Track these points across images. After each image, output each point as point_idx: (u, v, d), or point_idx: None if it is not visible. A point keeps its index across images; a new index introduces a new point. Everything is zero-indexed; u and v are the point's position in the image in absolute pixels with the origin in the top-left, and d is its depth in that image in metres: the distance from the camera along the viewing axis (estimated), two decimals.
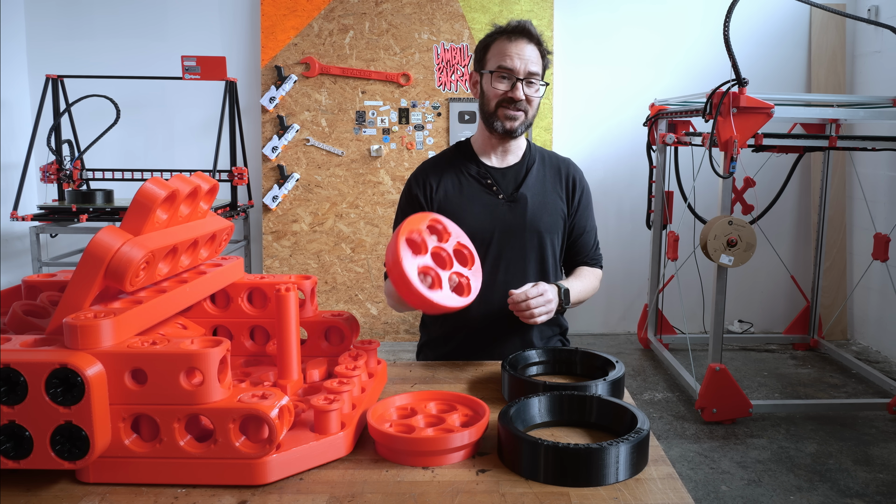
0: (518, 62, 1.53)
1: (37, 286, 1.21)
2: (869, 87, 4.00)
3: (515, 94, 1.54)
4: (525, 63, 1.54)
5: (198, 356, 0.90)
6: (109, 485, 0.94)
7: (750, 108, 2.71)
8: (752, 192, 3.70)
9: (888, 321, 3.86)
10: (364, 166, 3.98)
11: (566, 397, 1.14)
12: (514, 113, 1.56)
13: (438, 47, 3.93)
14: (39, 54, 4.03)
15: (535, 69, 1.55)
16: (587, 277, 1.68)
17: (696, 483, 2.48)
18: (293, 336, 1.15)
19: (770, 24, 4.11)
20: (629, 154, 4.15)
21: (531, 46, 1.56)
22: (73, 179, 3.53)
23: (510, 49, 1.54)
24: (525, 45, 1.55)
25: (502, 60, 1.55)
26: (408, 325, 4.03)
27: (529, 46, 1.55)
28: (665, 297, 4.00)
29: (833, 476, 2.53)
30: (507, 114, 1.56)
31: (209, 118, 4.02)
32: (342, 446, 1.02)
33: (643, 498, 0.92)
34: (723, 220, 2.84)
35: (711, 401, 2.94)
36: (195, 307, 1.29)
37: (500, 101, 1.56)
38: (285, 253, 4.01)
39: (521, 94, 1.54)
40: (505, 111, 1.56)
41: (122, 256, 0.96)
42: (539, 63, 1.57)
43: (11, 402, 0.87)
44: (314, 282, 1.35)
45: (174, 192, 1.06)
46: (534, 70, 1.55)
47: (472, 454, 1.04)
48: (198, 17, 4.02)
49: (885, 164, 3.83)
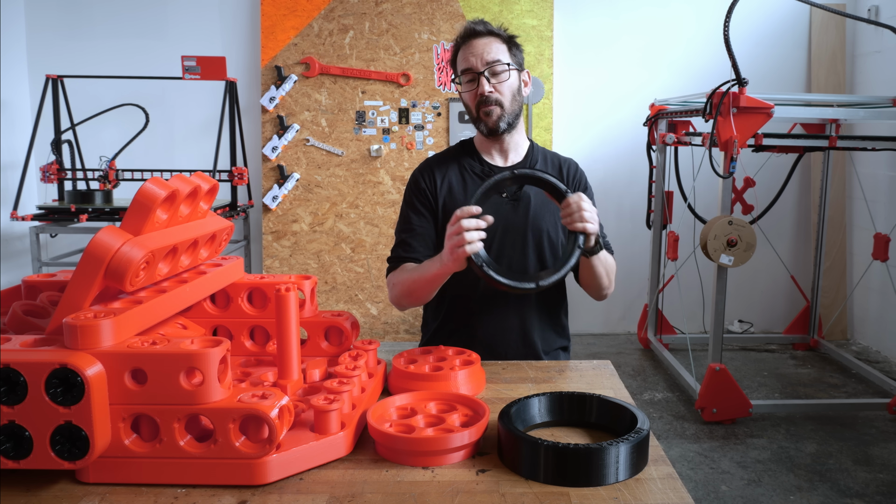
0: (473, 59, 1.54)
1: (37, 286, 1.20)
2: (869, 87, 4.00)
3: (481, 90, 1.54)
4: (479, 57, 1.54)
5: (198, 356, 0.90)
6: (109, 485, 0.94)
7: (750, 108, 2.71)
8: (752, 192, 3.70)
9: (888, 321, 3.86)
10: (364, 166, 3.98)
11: (566, 397, 1.14)
12: (487, 109, 1.55)
13: (438, 47, 3.93)
14: (39, 54, 4.03)
15: (492, 57, 1.54)
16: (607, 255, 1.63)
17: (696, 483, 2.48)
18: (293, 336, 1.15)
19: (770, 24, 4.12)
20: (629, 154, 4.15)
21: (484, 39, 1.55)
22: (109, 180, 3.53)
23: (466, 52, 1.56)
24: (476, 41, 1.55)
25: (463, 64, 1.57)
26: (408, 325, 4.03)
27: (482, 40, 1.55)
28: (665, 297, 4.00)
29: (833, 476, 2.53)
30: (483, 111, 1.56)
31: (209, 118, 4.02)
32: (342, 446, 1.02)
33: (643, 498, 0.92)
34: (723, 220, 2.84)
35: (711, 401, 2.94)
36: (195, 307, 1.29)
37: (477, 104, 1.57)
38: (285, 253, 4.01)
39: (485, 87, 1.53)
40: (482, 109, 1.56)
41: (122, 256, 0.96)
42: (500, 50, 1.55)
43: (11, 402, 0.87)
44: (314, 282, 1.35)
45: (174, 192, 1.06)
46: (492, 58, 1.54)
47: (472, 454, 1.04)
48: (198, 17, 4.02)
49: (885, 164, 3.83)
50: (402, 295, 1.56)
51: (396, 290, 1.57)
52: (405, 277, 1.54)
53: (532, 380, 1.36)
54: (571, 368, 1.43)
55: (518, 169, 1.36)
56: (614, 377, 1.38)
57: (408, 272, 1.54)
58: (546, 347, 1.65)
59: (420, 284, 1.50)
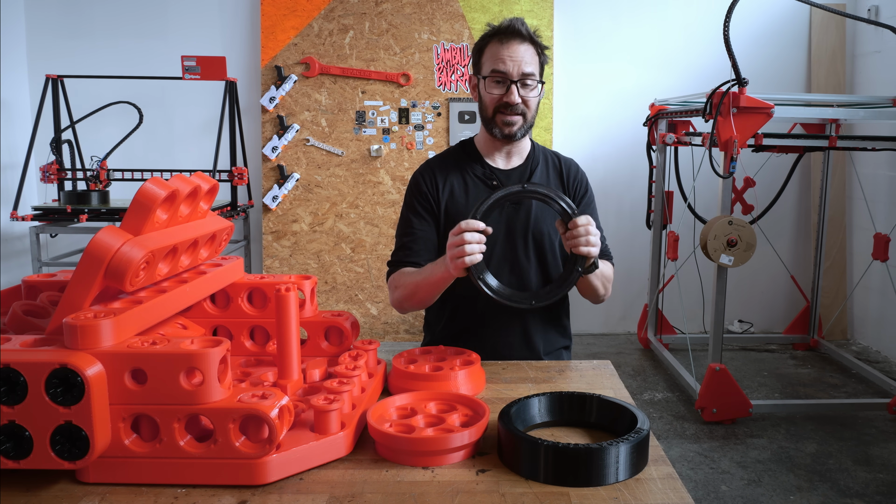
0: (511, 64, 1.50)
1: (37, 286, 1.20)
2: (869, 87, 4.00)
3: (510, 98, 1.51)
4: (518, 64, 1.50)
5: (198, 356, 0.90)
6: (109, 485, 0.94)
7: (750, 108, 2.71)
8: (752, 192, 3.70)
9: (888, 321, 3.86)
10: (364, 166, 3.98)
11: (566, 397, 1.14)
12: (510, 118, 1.53)
13: (438, 47, 3.93)
14: (39, 54, 4.03)
15: (529, 69, 1.51)
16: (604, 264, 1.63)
17: (696, 483, 2.48)
18: (293, 336, 1.15)
19: (770, 24, 4.11)
20: (629, 154, 4.15)
21: (524, 46, 1.52)
22: (100, 180, 3.53)
23: (502, 52, 1.51)
24: (517, 45, 1.51)
25: (495, 64, 1.52)
26: (408, 325, 4.03)
27: (522, 46, 1.52)
28: (665, 297, 4.00)
29: (833, 476, 2.53)
30: (504, 119, 1.54)
31: (209, 118, 4.02)
32: (342, 446, 1.02)
33: (643, 498, 0.92)
34: (723, 220, 2.84)
35: (711, 401, 2.94)
36: (195, 307, 1.29)
37: (497, 107, 1.54)
38: (285, 253, 4.01)
39: (515, 97, 1.51)
40: (502, 117, 1.54)
41: (122, 256, 0.96)
42: (534, 62, 1.53)
43: (11, 402, 0.87)
44: (314, 282, 1.35)
45: (174, 192, 1.06)
46: (528, 71, 1.51)
47: (472, 454, 1.04)
48: (198, 17, 4.02)
49: (885, 164, 3.83)
50: (404, 298, 1.55)
51: (398, 293, 1.56)
52: (408, 280, 1.53)
53: (532, 380, 1.36)
54: (571, 368, 1.44)
55: (528, 184, 1.34)
56: (614, 377, 1.38)
57: (410, 275, 1.53)
58: (548, 348, 1.65)
59: (423, 287, 1.49)
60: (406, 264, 1.57)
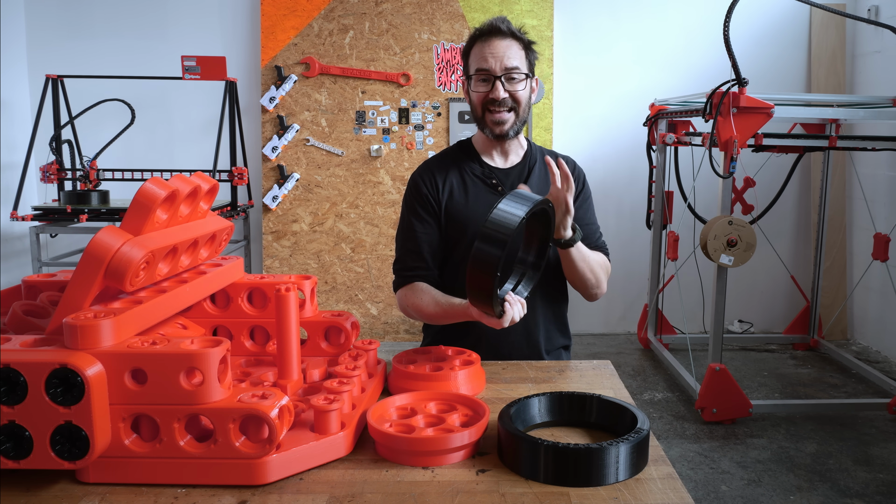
0: (493, 61, 1.51)
1: (37, 286, 1.20)
2: (869, 87, 4.00)
3: (496, 94, 1.51)
4: (500, 60, 1.51)
5: (198, 356, 0.90)
6: (109, 485, 0.94)
7: (750, 108, 2.71)
8: (752, 192, 3.70)
9: (888, 321, 3.86)
10: (364, 166, 3.98)
11: (566, 397, 1.14)
12: (499, 116, 1.53)
13: (438, 47, 3.93)
14: (39, 54, 4.03)
15: (512, 63, 1.51)
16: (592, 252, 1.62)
17: (696, 483, 2.48)
18: (293, 336, 1.15)
19: (770, 24, 4.12)
20: (629, 154, 4.15)
21: (506, 42, 1.52)
22: (90, 180, 3.53)
23: (484, 50, 1.52)
24: (498, 42, 1.52)
25: (479, 63, 1.53)
26: (408, 325, 4.03)
27: (504, 42, 1.52)
28: (665, 297, 4.00)
29: (833, 476, 2.53)
30: (493, 118, 1.54)
31: (209, 118, 4.02)
32: (342, 446, 1.02)
33: (643, 498, 0.92)
34: (723, 220, 2.84)
35: (711, 401, 2.94)
36: (195, 307, 1.29)
37: (485, 104, 1.54)
38: (285, 253, 4.01)
39: (500, 92, 1.51)
40: (491, 116, 1.54)
41: (122, 256, 0.96)
42: (518, 56, 1.53)
43: (11, 402, 0.87)
44: (314, 282, 1.35)
45: (174, 192, 1.06)
46: (511, 65, 1.51)
47: (472, 454, 1.04)
48: (198, 17, 4.02)
49: (885, 164, 3.83)
50: (417, 317, 1.58)
51: (411, 311, 1.58)
52: (423, 304, 1.53)
53: (532, 380, 1.36)
54: (571, 368, 1.44)
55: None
56: (614, 377, 1.38)
57: (426, 300, 1.52)
58: (549, 346, 1.65)
59: (440, 318, 1.51)
60: (415, 277, 1.58)
